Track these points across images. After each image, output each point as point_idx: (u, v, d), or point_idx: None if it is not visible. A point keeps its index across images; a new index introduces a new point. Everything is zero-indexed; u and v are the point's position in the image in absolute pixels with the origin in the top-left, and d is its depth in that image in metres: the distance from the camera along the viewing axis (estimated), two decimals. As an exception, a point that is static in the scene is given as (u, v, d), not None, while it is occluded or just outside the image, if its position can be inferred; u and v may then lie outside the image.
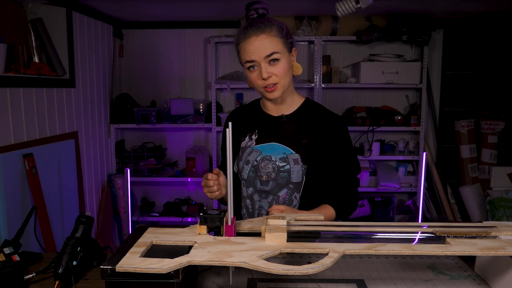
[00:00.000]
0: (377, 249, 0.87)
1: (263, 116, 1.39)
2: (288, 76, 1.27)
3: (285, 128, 1.34)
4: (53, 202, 2.34)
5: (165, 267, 0.79)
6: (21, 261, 1.05)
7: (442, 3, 2.72)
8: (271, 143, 1.33)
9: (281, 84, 1.26)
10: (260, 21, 1.24)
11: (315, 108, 1.37)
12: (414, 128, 3.20)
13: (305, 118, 1.35)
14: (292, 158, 1.30)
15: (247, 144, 1.37)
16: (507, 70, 3.34)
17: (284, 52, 1.25)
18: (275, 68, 1.23)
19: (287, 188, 1.30)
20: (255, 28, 1.22)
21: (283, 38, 1.24)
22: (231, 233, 0.95)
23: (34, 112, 2.24)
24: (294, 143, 1.31)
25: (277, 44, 1.22)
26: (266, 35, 1.22)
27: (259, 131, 1.37)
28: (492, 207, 3.21)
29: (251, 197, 1.35)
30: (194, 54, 3.45)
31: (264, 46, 1.21)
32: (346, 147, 1.35)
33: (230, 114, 1.50)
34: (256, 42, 1.22)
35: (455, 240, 0.91)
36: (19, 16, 2.36)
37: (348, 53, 3.41)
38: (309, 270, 0.80)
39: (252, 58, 1.23)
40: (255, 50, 1.22)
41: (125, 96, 3.34)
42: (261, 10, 1.27)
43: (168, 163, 3.44)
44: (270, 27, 1.22)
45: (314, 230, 1.02)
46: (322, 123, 1.34)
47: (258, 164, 1.32)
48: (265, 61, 1.22)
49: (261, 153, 1.33)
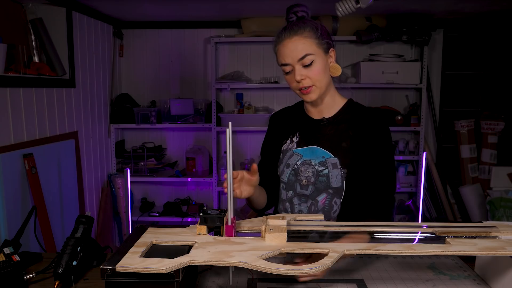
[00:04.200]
0: (377, 249, 0.87)
1: (305, 119, 1.36)
2: (324, 78, 1.24)
3: (326, 131, 1.31)
4: (53, 202, 2.34)
5: (165, 267, 0.79)
6: (21, 261, 1.05)
7: (442, 3, 2.72)
8: (312, 147, 1.31)
9: (316, 86, 1.23)
10: (295, 23, 1.23)
11: (357, 109, 1.33)
12: (414, 128, 3.20)
13: (345, 121, 1.31)
14: (331, 162, 1.26)
15: (288, 146, 1.35)
16: (507, 70, 3.34)
17: (319, 54, 1.22)
18: (309, 71, 1.21)
19: (326, 193, 1.27)
20: (289, 30, 1.21)
21: (317, 39, 1.21)
22: (231, 233, 0.95)
23: (34, 112, 2.24)
24: (333, 147, 1.28)
25: (311, 45, 1.20)
26: (299, 37, 1.20)
27: (300, 134, 1.35)
28: (492, 207, 3.21)
29: (290, 201, 1.33)
30: (194, 54, 3.45)
31: (297, 48, 1.20)
32: (384, 156, 1.26)
33: (273, 115, 1.48)
34: (289, 44, 1.20)
35: (455, 240, 0.91)
36: (19, 16, 2.36)
37: (348, 53, 3.41)
38: (309, 270, 0.80)
39: (286, 61, 1.22)
40: (288, 52, 1.21)
41: (125, 96, 3.34)
42: (301, 13, 1.25)
43: (168, 163, 3.44)
44: (303, 29, 1.20)
45: (314, 230, 1.02)
46: (362, 125, 1.29)
47: (299, 168, 1.30)
48: (299, 64, 1.20)
49: (301, 157, 1.31)
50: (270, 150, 1.42)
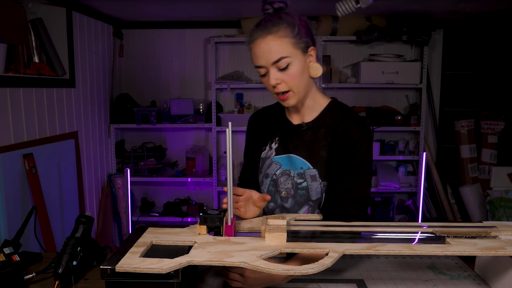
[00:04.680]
0: (377, 249, 0.87)
1: (284, 123, 1.25)
2: (302, 81, 1.12)
3: (305, 138, 1.20)
4: (53, 202, 2.34)
5: (165, 267, 0.79)
6: (21, 261, 1.05)
7: (442, 3, 2.72)
8: (290, 155, 1.21)
9: (294, 91, 1.12)
10: (269, 19, 1.09)
11: (337, 113, 1.19)
12: (414, 128, 3.20)
13: (325, 125, 1.19)
14: (310, 174, 1.17)
15: (267, 154, 1.26)
16: (507, 70, 3.34)
17: (296, 55, 1.09)
18: (285, 75, 1.09)
19: (308, 205, 1.20)
20: (262, 28, 1.08)
21: (294, 38, 1.08)
22: (231, 233, 0.95)
23: (34, 112, 2.24)
24: (312, 156, 1.18)
25: (287, 46, 1.07)
26: (273, 36, 1.07)
27: (279, 139, 1.24)
28: (492, 207, 3.21)
29: (272, 213, 1.26)
30: (194, 54, 3.45)
31: (271, 50, 1.07)
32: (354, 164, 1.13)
33: (252, 116, 1.36)
34: (262, 44, 1.08)
35: (455, 240, 0.91)
36: (19, 16, 2.36)
37: (348, 53, 3.41)
38: (309, 270, 0.80)
39: (260, 63, 1.10)
40: (261, 54, 1.08)
41: (125, 96, 3.34)
42: (277, 4, 1.11)
43: (168, 163, 3.44)
44: (278, 26, 1.07)
45: (313, 230, 1.02)
46: (339, 131, 1.16)
47: (278, 178, 1.22)
48: (273, 67, 1.08)
49: (280, 166, 1.22)
50: (252, 155, 1.34)
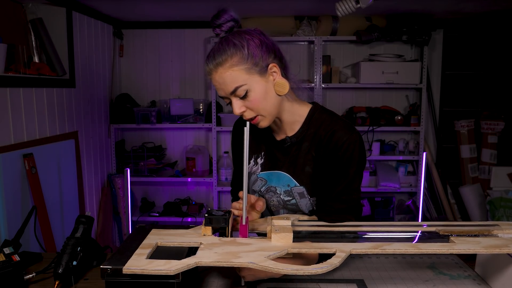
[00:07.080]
0: (383, 248, 0.86)
1: (268, 137, 1.20)
2: (268, 103, 1.05)
3: (290, 153, 1.15)
4: (53, 202, 2.34)
5: (173, 268, 0.79)
6: (21, 261, 1.05)
7: (442, 3, 2.72)
8: (276, 172, 1.17)
9: (262, 114, 1.06)
10: (217, 48, 1.03)
11: (319, 121, 1.13)
12: (414, 128, 3.20)
13: (308, 138, 1.13)
14: (297, 191, 1.14)
15: (252, 169, 1.22)
16: (507, 70, 3.33)
17: (253, 80, 1.02)
18: (247, 102, 1.03)
19: (301, 213, 1.18)
20: (211, 60, 1.03)
21: (246, 63, 1.00)
22: (246, 233, 0.93)
23: (34, 112, 2.24)
24: (298, 173, 1.14)
25: (239, 75, 1.00)
26: (223, 69, 1.01)
27: (265, 153, 1.21)
28: (492, 207, 3.21)
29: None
30: (194, 54, 3.45)
31: (225, 82, 1.02)
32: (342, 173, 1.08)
33: (236, 123, 1.30)
34: (216, 77, 1.03)
35: (459, 238, 0.91)
36: (19, 16, 2.36)
37: (348, 53, 3.41)
38: (318, 270, 0.79)
39: (221, 94, 1.06)
40: (218, 86, 1.04)
41: (125, 96, 3.33)
42: (226, 26, 1.04)
43: (168, 163, 3.44)
44: (225, 56, 1.00)
45: (318, 231, 1.02)
46: (324, 140, 1.10)
47: (263, 195, 1.20)
48: (233, 96, 1.04)
49: (266, 183, 1.19)
50: (239, 163, 1.30)
